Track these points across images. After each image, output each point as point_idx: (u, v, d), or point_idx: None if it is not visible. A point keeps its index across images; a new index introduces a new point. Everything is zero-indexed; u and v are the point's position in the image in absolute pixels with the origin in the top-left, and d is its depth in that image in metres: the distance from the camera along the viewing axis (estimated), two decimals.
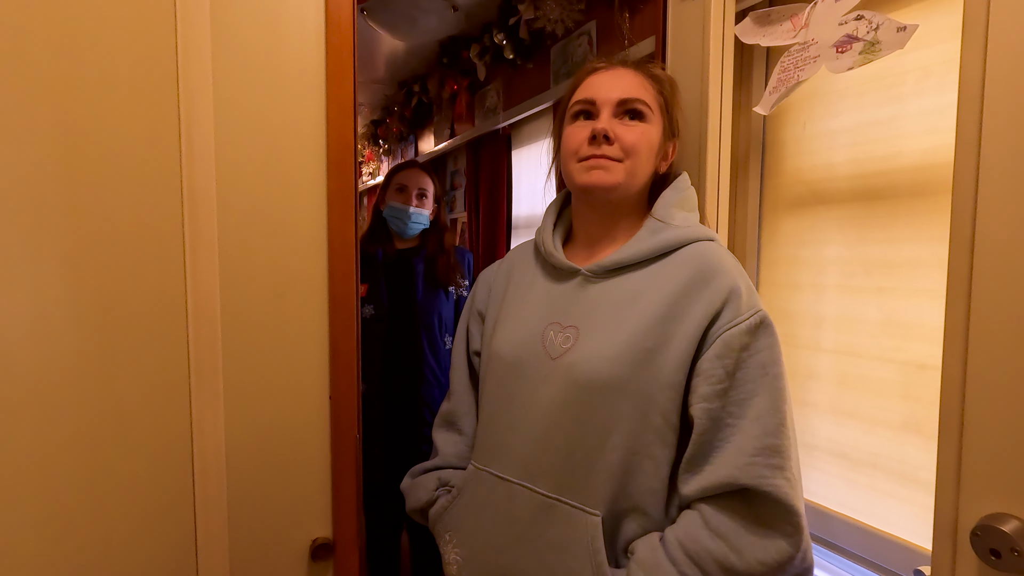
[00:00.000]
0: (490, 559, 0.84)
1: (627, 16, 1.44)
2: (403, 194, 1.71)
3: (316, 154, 0.89)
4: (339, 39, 0.88)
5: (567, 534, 0.78)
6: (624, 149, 0.83)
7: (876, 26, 0.80)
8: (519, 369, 0.85)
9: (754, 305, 0.77)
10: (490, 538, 0.84)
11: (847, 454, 1.00)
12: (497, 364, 0.89)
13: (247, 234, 0.85)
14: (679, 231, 0.83)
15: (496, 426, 0.87)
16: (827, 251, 1.03)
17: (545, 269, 0.91)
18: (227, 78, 0.82)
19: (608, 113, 0.84)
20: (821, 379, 1.04)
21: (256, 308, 0.86)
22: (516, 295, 0.93)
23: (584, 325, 0.81)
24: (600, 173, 0.82)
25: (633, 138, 0.83)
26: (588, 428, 0.78)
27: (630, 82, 0.85)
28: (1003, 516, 0.60)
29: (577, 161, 0.85)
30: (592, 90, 0.86)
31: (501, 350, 0.88)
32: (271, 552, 0.89)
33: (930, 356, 0.87)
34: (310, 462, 0.91)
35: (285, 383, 0.89)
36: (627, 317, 0.79)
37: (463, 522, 0.88)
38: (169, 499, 0.82)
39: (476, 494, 0.87)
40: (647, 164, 0.86)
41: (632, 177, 0.84)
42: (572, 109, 0.89)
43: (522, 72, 2.06)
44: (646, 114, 0.85)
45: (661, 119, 0.87)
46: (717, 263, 0.79)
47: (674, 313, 0.77)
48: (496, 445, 0.86)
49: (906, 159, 0.91)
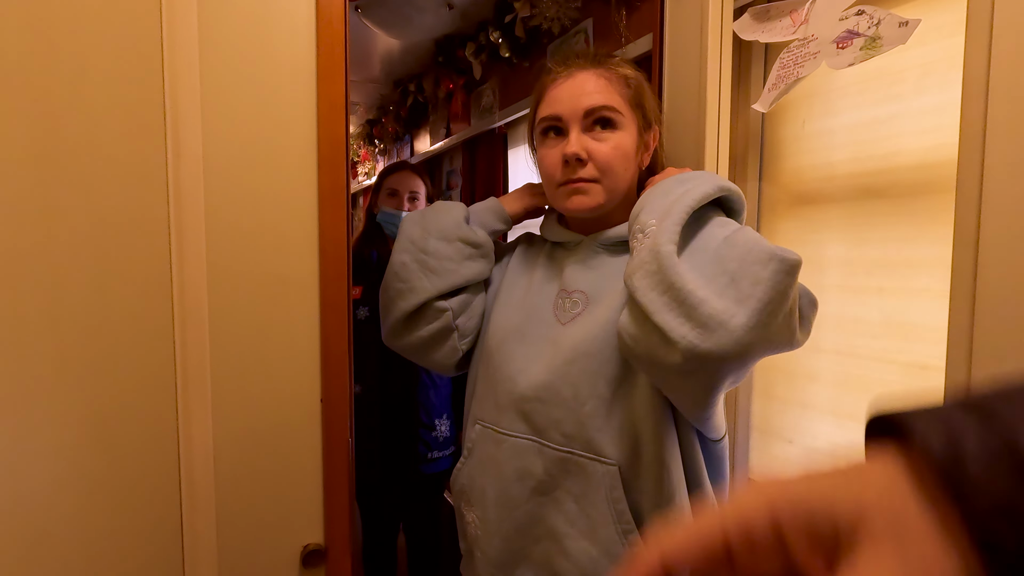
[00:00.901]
0: (504, 516, 0.85)
1: (624, 13, 1.42)
2: (395, 198, 1.70)
3: (307, 153, 0.87)
4: (330, 35, 0.86)
5: (584, 484, 0.79)
6: (599, 168, 0.82)
7: (878, 21, 0.79)
8: (524, 332, 0.86)
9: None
10: (504, 495, 0.85)
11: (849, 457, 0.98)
12: (500, 332, 0.89)
13: (236, 234, 0.83)
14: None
15: (499, 385, 0.87)
16: (827, 250, 1.01)
17: (551, 251, 0.92)
18: (215, 75, 0.80)
19: (577, 129, 0.82)
20: (821, 380, 1.03)
21: (245, 310, 0.84)
22: (517, 280, 0.94)
23: (593, 293, 0.82)
24: (580, 198, 0.83)
25: (606, 154, 0.82)
26: (598, 380, 0.78)
27: (593, 87, 0.82)
28: None
29: (556, 187, 0.85)
30: (557, 105, 0.84)
31: (506, 318, 0.90)
32: (261, 559, 0.87)
33: (932, 357, 0.86)
34: (301, 467, 0.89)
35: (275, 386, 0.87)
36: None
37: (475, 481, 0.90)
38: (155, 505, 0.80)
39: (485, 452, 0.89)
40: (626, 172, 0.85)
41: (613, 192, 0.84)
42: (540, 126, 0.87)
43: (518, 71, 2.04)
44: (616, 120, 0.82)
45: (634, 117, 0.85)
46: None
47: None
48: (499, 403, 0.87)
49: (907, 157, 0.90)
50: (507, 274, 0.96)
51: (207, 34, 0.79)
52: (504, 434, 0.86)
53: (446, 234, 0.91)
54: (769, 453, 1.13)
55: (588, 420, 0.79)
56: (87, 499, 0.76)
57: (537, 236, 0.99)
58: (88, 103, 0.74)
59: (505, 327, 0.89)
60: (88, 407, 0.76)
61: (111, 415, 0.77)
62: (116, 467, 0.78)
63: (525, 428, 0.84)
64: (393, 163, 1.81)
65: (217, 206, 0.81)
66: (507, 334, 0.89)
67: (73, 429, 0.75)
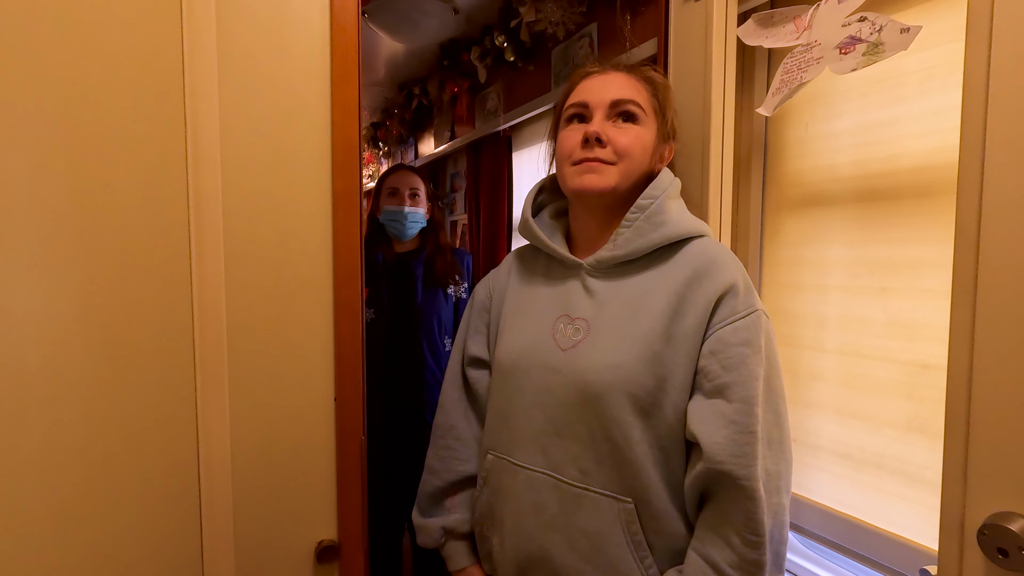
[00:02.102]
0: (521, 545, 0.86)
1: (629, 18, 1.44)
2: (396, 197, 1.72)
3: (321, 156, 0.89)
4: (344, 42, 0.88)
5: (598, 521, 0.79)
6: (617, 152, 0.83)
7: (879, 27, 0.81)
8: (530, 361, 0.86)
9: (751, 304, 0.78)
10: (519, 525, 0.86)
11: (852, 455, 1.00)
12: (508, 362, 0.90)
13: (252, 237, 0.85)
14: (675, 226, 0.83)
15: (512, 417, 0.88)
16: (830, 252, 1.03)
17: (548, 268, 0.92)
18: (233, 81, 0.82)
19: (601, 116, 0.85)
20: (825, 380, 1.04)
21: (261, 310, 0.86)
22: (520, 297, 0.94)
23: (595, 321, 0.83)
24: (593, 177, 0.83)
25: (627, 140, 0.84)
26: (610, 425, 0.79)
27: (623, 83, 0.86)
28: (1010, 515, 0.60)
29: (571, 164, 0.86)
30: (585, 93, 0.87)
31: (512, 348, 0.90)
32: (277, 554, 0.89)
33: (934, 356, 0.88)
34: (315, 465, 0.91)
35: (290, 386, 0.89)
36: (637, 321, 0.80)
37: (494, 509, 0.91)
38: (175, 501, 0.82)
39: (501, 483, 0.89)
40: (641, 166, 0.86)
41: (626, 179, 0.85)
42: (566, 113, 0.90)
43: (523, 74, 2.06)
44: (639, 116, 0.85)
45: (655, 121, 0.88)
46: (716, 259, 0.80)
47: (678, 312, 0.79)
48: (513, 435, 0.87)
49: (909, 160, 0.91)
50: (507, 301, 0.96)
51: (225, 42, 0.81)
52: (519, 466, 0.86)
53: None
54: None
55: (604, 459, 0.79)
56: (110, 494, 0.78)
57: (528, 250, 0.99)
58: (114, 115, 0.76)
59: (511, 355, 0.89)
60: (112, 406, 0.77)
61: (134, 414, 0.79)
62: (138, 464, 0.80)
63: (543, 462, 0.84)
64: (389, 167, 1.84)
65: (234, 208, 0.83)
66: (517, 363, 0.88)
67: (99, 428, 0.77)
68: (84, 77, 0.74)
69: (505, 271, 1.00)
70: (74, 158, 0.74)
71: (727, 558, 0.73)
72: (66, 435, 0.75)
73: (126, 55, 0.76)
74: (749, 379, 0.75)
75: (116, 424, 0.78)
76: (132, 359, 0.78)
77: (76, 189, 0.74)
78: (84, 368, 0.76)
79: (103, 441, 0.77)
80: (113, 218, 0.76)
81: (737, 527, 0.73)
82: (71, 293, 0.75)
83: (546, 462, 0.83)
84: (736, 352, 0.75)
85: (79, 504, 0.76)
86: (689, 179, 1.08)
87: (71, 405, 0.75)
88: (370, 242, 1.76)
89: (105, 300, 0.76)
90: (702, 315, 0.77)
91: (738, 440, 0.73)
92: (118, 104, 0.76)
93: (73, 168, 0.74)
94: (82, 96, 0.74)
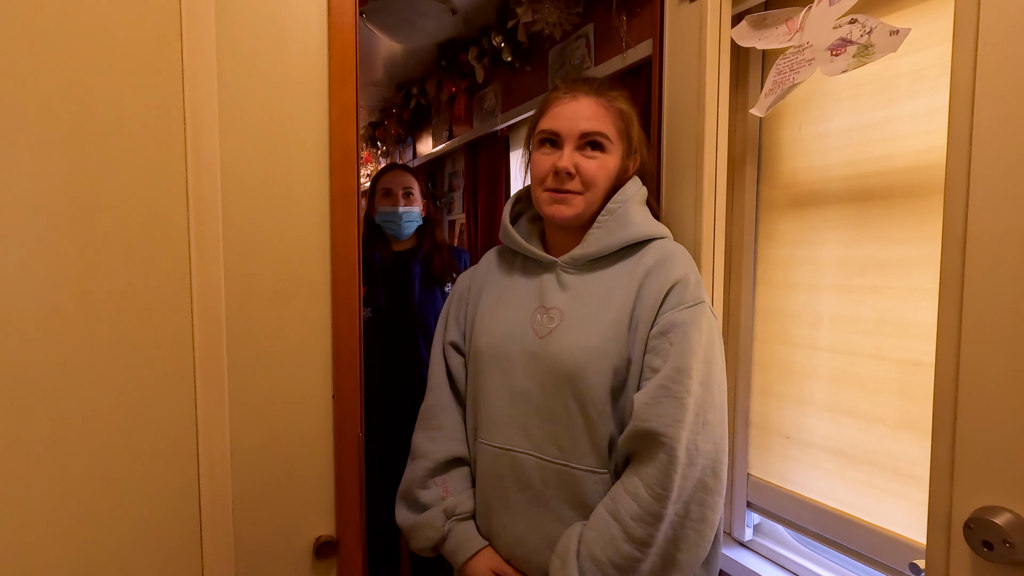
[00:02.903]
0: (507, 523, 0.92)
1: (624, 19, 1.45)
2: (390, 197, 1.73)
3: (319, 156, 0.90)
4: (341, 43, 0.89)
5: (580, 493, 0.87)
6: (584, 182, 0.93)
7: (870, 30, 0.82)
8: (510, 349, 0.93)
9: (698, 297, 0.87)
10: (504, 504, 0.92)
11: (844, 451, 1.01)
12: (488, 349, 0.96)
13: (251, 236, 0.86)
14: (639, 227, 0.93)
15: (495, 402, 0.94)
16: (823, 251, 1.04)
17: (525, 265, 1.01)
18: (231, 82, 0.83)
19: (571, 147, 0.93)
20: (817, 377, 1.05)
21: (260, 309, 0.87)
22: (499, 291, 1.01)
23: (568, 310, 0.91)
24: (562, 207, 0.93)
25: (592, 171, 0.93)
26: (585, 403, 0.87)
27: (592, 113, 0.93)
28: (995, 508, 0.61)
29: (543, 190, 0.95)
30: (557, 122, 0.94)
31: (493, 337, 0.96)
32: (276, 550, 0.90)
33: (924, 353, 0.89)
34: (314, 461, 0.92)
35: (289, 383, 0.90)
36: (605, 309, 0.89)
37: (486, 494, 0.95)
38: (175, 497, 0.83)
39: (486, 467, 0.95)
40: (605, 189, 0.95)
41: (591, 205, 0.95)
42: (539, 135, 0.97)
43: (520, 75, 2.07)
44: (606, 145, 0.94)
45: (620, 145, 0.96)
46: (671, 255, 0.90)
47: (637, 300, 0.88)
48: (498, 421, 0.93)
49: (900, 160, 0.92)
50: (485, 294, 1.03)
51: (224, 45, 0.82)
52: (504, 449, 0.92)
53: None
54: (767, 448, 1.16)
55: (580, 435, 0.87)
56: (111, 490, 0.79)
57: (506, 249, 1.06)
58: (114, 113, 0.77)
59: (491, 343, 0.96)
60: (114, 402, 0.78)
61: (135, 410, 0.80)
62: (139, 460, 0.80)
63: (526, 443, 0.90)
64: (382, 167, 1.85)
65: (233, 209, 0.84)
66: (497, 350, 0.95)
67: (100, 424, 0.78)
68: (83, 79, 0.75)
69: (484, 267, 1.07)
70: (74, 157, 0.75)
71: (630, 509, 0.79)
72: (67, 432, 0.76)
73: (125, 54, 0.77)
74: (684, 352, 0.82)
75: (117, 421, 0.79)
76: (132, 357, 0.79)
77: (76, 187, 0.75)
78: (85, 366, 0.77)
79: (104, 438, 0.78)
80: (113, 217, 0.77)
81: (648, 480, 0.79)
82: (71, 291, 0.75)
83: (528, 443, 0.90)
84: (677, 330, 0.83)
85: (81, 499, 0.77)
86: (684, 179, 1.10)
87: (72, 402, 0.76)
88: (367, 242, 1.77)
89: (105, 299, 0.77)
90: (654, 302, 0.86)
91: (664, 403, 0.80)
92: (118, 104, 0.77)
93: (73, 166, 0.75)
94: (82, 96, 0.75)
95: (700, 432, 0.81)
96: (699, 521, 0.81)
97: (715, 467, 0.82)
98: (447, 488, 0.98)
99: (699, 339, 0.83)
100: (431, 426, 1.03)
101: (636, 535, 0.79)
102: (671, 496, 0.78)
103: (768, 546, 1.15)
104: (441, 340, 1.07)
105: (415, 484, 1.00)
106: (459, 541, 0.95)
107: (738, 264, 1.19)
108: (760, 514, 1.17)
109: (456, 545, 0.95)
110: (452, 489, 0.98)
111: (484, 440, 0.95)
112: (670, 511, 0.79)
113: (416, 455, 1.02)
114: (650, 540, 0.78)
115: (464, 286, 1.08)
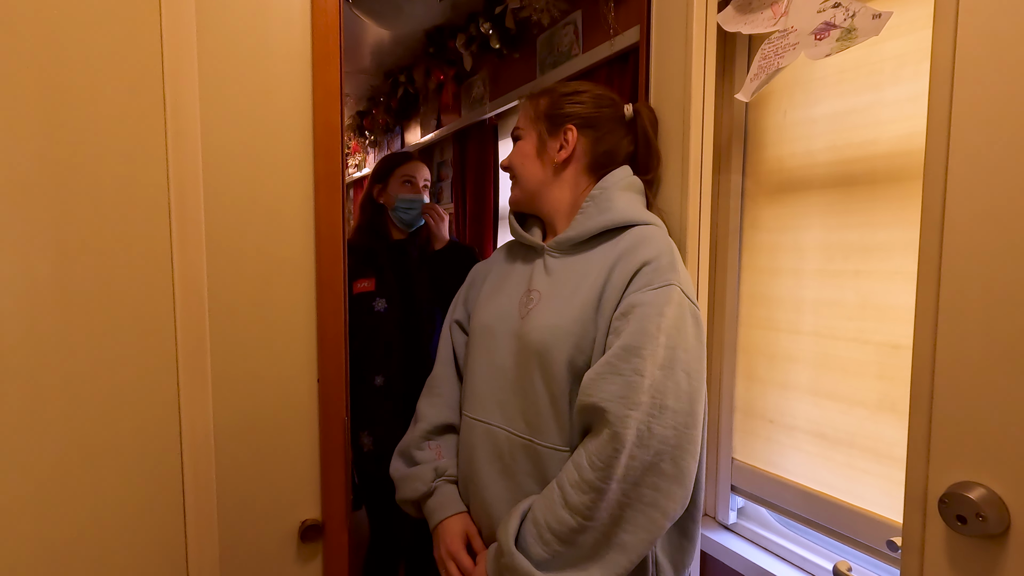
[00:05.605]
0: (478, 492, 0.95)
1: (612, 5, 1.45)
2: (411, 186, 1.70)
3: (303, 138, 0.89)
4: (325, 23, 0.88)
5: (543, 469, 0.89)
6: (513, 170, 1.05)
7: (852, 13, 0.82)
8: (497, 328, 0.98)
9: (668, 279, 0.86)
10: (477, 474, 0.95)
11: (825, 434, 1.03)
12: (479, 328, 1.02)
13: (234, 218, 0.85)
14: (619, 212, 0.95)
15: (479, 378, 0.99)
16: (807, 236, 1.05)
17: (524, 254, 1.06)
18: (213, 62, 0.82)
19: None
20: (801, 361, 1.06)
21: (243, 292, 0.86)
22: (500, 277, 1.07)
23: (546, 292, 0.95)
24: (511, 195, 1.07)
25: (510, 158, 1.06)
26: (550, 381, 0.89)
27: (520, 116, 1.07)
28: (969, 484, 0.62)
29: None
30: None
31: (485, 316, 1.02)
32: (261, 534, 0.90)
33: (904, 336, 0.90)
34: (299, 445, 0.92)
35: (273, 367, 0.89)
36: (578, 290, 0.91)
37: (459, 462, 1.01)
38: (158, 482, 0.83)
39: (465, 438, 0.99)
40: (531, 168, 1.03)
41: (525, 185, 1.03)
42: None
43: (508, 62, 2.06)
44: (522, 135, 1.05)
45: (534, 128, 1.04)
46: (647, 238, 0.91)
47: (607, 282, 0.89)
48: (479, 394, 0.98)
49: (884, 145, 0.93)
50: (488, 279, 1.10)
51: (204, 24, 0.81)
52: (481, 422, 0.96)
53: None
54: (751, 433, 1.17)
55: (545, 411, 0.89)
56: (92, 475, 0.79)
57: (515, 242, 1.12)
58: (92, 94, 0.75)
59: (483, 323, 1.01)
60: (93, 387, 0.78)
61: (115, 394, 0.79)
62: (120, 445, 0.80)
63: (500, 418, 0.94)
64: (397, 153, 1.81)
65: (216, 190, 0.84)
66: (487, 330, 1.00)
67: (79, 409, 0.77)
68: (61, 59, 0.74)
69: (495, 258, 1.15)
70: (51, 132, 0.74)
71: (571, 477, 0.81)
72: (45, 409, 0.75)
73: (103, 31, 0.76)
74: (639, 332, 0.82)
75: (96, 400, 0.78)
76: (112, 341, 0.78)
77: (53, 164, 0.74)
78: (62, 343, 0.76)
79: (83, 417, 0.78)
80: (91, 195, 0.76)
81: (590, 452, 0.80)
82: (49, 268, 0.74)
83: (502, 417, 0.94)
84: (637, 310, 0.83)
85: (59, 480, 0.77)
86: (670, 165, 1.10)
87: (50, 380, 0.75)
88: (369, 230, 1.73)
89: (84, 284, 0.76)
90: (621, 283, 0.87)
91: (608, 379, 0.80)
92: (96, 85, 0.76)
93: (50, 143, 0.74)
94: (59, 79, 0.74)
95: (656, 416, 0.79)
96: (650, 506, 0.80)
97: (674, 454, 0.80)
98: (439, 451, 1.04)
99: (659, 322, 0.82)
100: (433, 394, 1.10)
101: (572, 501, 0.79)
102: (614, 473, 0.78)
103: (752, 528, 1.17)
104: (450, 318, 1.15)
105: (412, 444, 1.06)
106: (440, 501, 0.99)
107: (724, 250, 1.20)
108: (744, 497, 1.19)
109: (437, 504, 0.99)
110: (444, 453, 1.04)
111: (466, 412, 1.00)
112: (613, 488, 0.78)
113: (417, 419, 1.09)
114: (587, 511, 0.78)
115: (477, 272, 1.17)
